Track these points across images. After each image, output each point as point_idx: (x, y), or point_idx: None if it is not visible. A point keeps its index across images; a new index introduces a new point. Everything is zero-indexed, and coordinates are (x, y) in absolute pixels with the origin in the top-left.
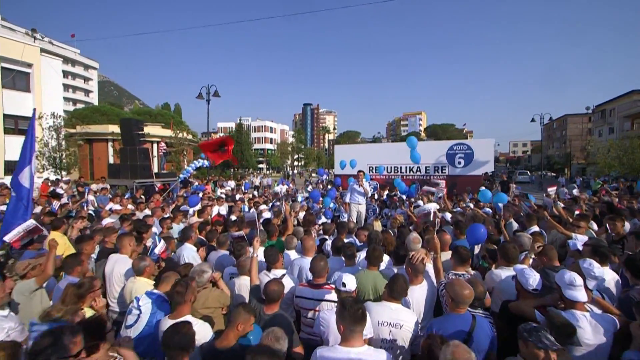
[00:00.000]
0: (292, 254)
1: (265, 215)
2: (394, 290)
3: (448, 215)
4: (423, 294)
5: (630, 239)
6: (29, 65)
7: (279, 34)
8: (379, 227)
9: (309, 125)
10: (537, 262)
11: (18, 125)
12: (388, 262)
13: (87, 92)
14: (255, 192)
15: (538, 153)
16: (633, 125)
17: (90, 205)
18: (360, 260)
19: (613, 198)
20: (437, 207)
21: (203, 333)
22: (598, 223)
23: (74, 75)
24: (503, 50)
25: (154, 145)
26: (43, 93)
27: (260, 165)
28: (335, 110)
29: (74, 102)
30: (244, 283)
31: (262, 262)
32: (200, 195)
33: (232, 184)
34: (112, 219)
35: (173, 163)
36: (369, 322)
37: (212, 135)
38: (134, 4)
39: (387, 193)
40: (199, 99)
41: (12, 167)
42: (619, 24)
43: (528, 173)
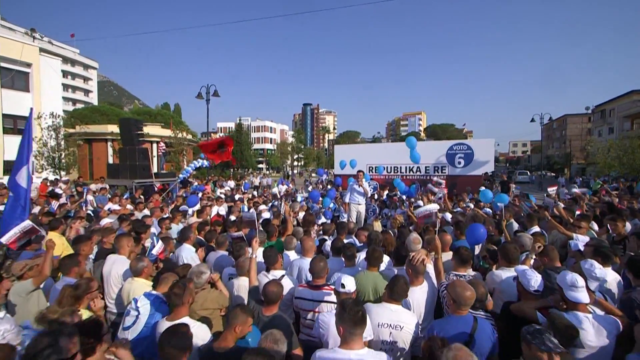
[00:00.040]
0: (291, 255)
1: (265, 216)
2: (395, 292)
3: (448, 216)
4: (423, 295)
5: (632, 240)
6: (28, 65)
7: (279, 34)
8: (379, 227)
9: (309, 125)
10: (538, 262)
11: (17, 125)
12: (388, 262)
13: (86, 92)
14: (255, 192)
15: (538, 153)
16: (633, 125)
17: (89, 205)
18: (360, 261)
19: (613, 198)
20: (437, 207)
21: (201, 335)
22: (598, 223)
23: (74, 75)
24: (503, 50)
25: (154, 145)
26: (42, 93)
27: (260, 165)
28: (335, 110)
29: (74, 102)
30: (243, 284)
31: (261, 262)
32: (200, 196)
33: (231, 184)
34: (110, 219)
35: (172, 163)
36: (369, 324)
37: (211, 135)
38: (134, 4)
39: (387, 193)
40: (199, 99)
41: (11, 167)
42: (619, 24)
43: (528, 173)
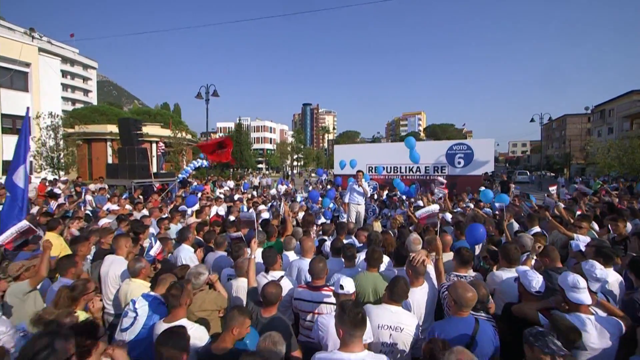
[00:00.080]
0: (290, 255)
1: (264, 216)
2: (395, 293)
3: (448, 216)
4: (424, 296)
5: (633, 240)
6: (27, 65)
7: (279, 34)
8: (379, 227)
9: (309, 125)
10: (539, 263)
11: (16, 125)
12: (388, 263)
13: (86, 91)
14: (254, 192)
15: (537, 153)
16: (632, 125)
17: (88, 206)
18: (360, 262)
19: (613, 198)
20: (439, 208)
21: (199, 336)
22: (598, 223)
23: (73, 75)
24: (503, 50)
25: (153, 145)
26: (41, 92)
27: (260, 165)
28: (335, 110)
29: (73, 101)
30: (242, 285)
31: (260, 263)
32: (199, 196)
33: (231, 184)
34: (109, 220)
35: (172, 163)
36: (369, 325)
37: (211, 135)
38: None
39: (386, 193)
40: (198, 99)
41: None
42: (619, 24)
43: (527, 173)
